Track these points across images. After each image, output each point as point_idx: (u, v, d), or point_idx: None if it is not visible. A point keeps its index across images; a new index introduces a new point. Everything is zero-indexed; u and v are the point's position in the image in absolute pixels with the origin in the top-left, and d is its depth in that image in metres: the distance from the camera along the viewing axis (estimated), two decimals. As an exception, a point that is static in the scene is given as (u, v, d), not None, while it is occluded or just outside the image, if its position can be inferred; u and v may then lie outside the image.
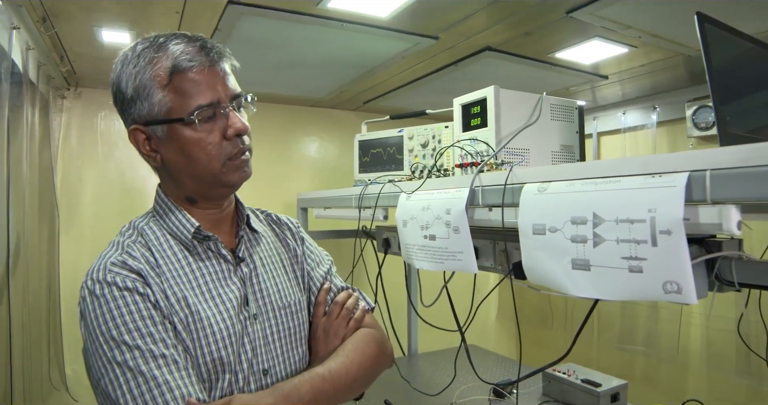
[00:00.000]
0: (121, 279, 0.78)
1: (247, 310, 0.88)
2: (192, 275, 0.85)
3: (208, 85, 0.82)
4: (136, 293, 0.78)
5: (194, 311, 0.82)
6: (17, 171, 1.76)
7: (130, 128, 0.86)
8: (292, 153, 3.22)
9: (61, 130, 2.53)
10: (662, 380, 2.81)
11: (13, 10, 1.55)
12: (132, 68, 0.82)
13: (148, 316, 0.77)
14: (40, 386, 2.06)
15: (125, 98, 0.84)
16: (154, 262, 0.83)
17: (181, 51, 0.81)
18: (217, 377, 0.82)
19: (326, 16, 1.71)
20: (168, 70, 0.81)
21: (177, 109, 0.81)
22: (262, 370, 0.88)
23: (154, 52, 0.82)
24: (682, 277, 0.73)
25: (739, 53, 1.04)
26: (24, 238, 1.88)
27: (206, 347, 0.81)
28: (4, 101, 1.53)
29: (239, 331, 0.85)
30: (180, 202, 0.90)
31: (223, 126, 0.84)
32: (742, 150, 0.69)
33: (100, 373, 0.75)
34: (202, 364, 0.80)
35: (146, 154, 0.86)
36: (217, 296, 0.85)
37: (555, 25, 1.77)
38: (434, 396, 1.88)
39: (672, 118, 2.69)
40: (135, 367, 0.73)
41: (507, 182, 1.07)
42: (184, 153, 0.83)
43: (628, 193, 0.80)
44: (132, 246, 0.84)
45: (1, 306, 1.63)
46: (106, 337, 0.75)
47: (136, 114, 0.84)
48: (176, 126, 0.82)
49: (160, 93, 0.81)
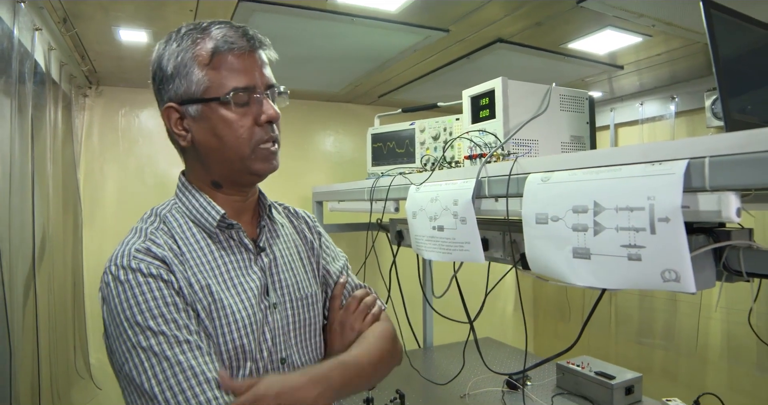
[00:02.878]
0: (146, 265, 0.79)
1: (267, 300, 0.90)
2: (215, 263, 0.86)
3: (246, 69, 0.85)
4: (161, 280, 0.79)
5: (217, 299, 0.83)
6: (41, 167, 1.83)
7: (164, 107, 0.87)
8: (308, 147, 3.25)
9: (84, 127, 2.60)
10: (681, 374, 2.77)
11: (35, 12, 1.60)
12: (175, 47, 0.85)
13: (172, 303, 0.78)
14: (66, 375, 2.14)
15: (165, 75, 0.86)
16: (178, 250, 0.84)
17: (224, 34, 0.84)
18: (238, 365, 0.83)
19: (336, 10, 1.72)
20: (209, 50, 0.83)
21: (214, 89, 0.83)
22: (280, 358, 0.90)
23: (198, 34, 0.85)
24: (681, 265, 0.74)
25: (748, 40, 1.02)
26: (49, 232, 1.95)
27: (228, 335, 0.82)
28: (28, 100, 1.59)
29: (260, 319, 0.87)
30: (204, 186, 0.91)
31: (256, 112, 0.86)
32: (740, 136, 0.69)
33: (124, 357, 0.75)
34: (224, 351, 0.81)
35: (177, 133, 0.87)
36: (239, 285, 0.86)
37: (566, 15, 1.75)
38: (444, 385, 1.90)
39: (691, 108, 2.64)
40: (160, 352, 0.74)
41: (512, 172, 1.08)
42: (215, 133, 0.85)
43: (628, 182, 0.80)
44: (155, 233, 0.85)
45: (29, 297, 1.70)
46: (130, 323, 0.75)
47: (173, 92, 0.85)
48: (211, 105, 0.84)
49: (199, 72, 0.83)
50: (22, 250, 1.61)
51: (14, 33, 1.42)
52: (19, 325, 1.54)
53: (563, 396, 1.86)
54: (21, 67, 1.50)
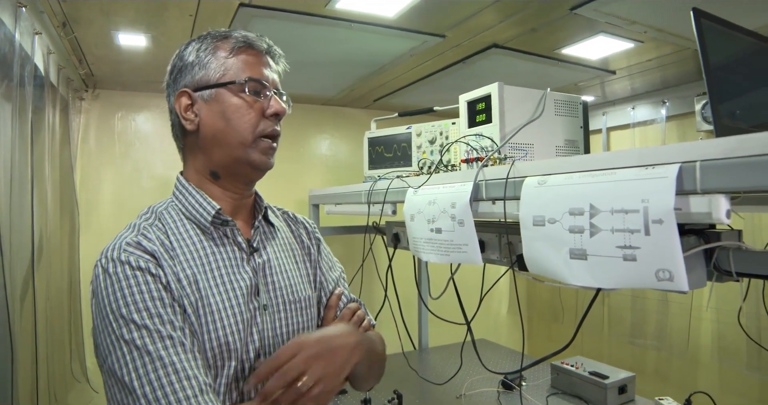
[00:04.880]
0: (135, 259, 0.79)
1: (257, 300, 0.89)
2: (205, 259, 0.87)
3: (261, 66, 0.92)
4: (148, 273, 0.79)
5: (204, 295, 0.83)
6: (40, 170, 1.83)
7: (177, 92, 0.91)
8: (304, 150, 3.27)
9: (80, 130, 2.61)
10: (673, 374, 2.81)
11: (35, 16, 1.61)
12: (200, 44, 0.92)
13: (158, 297, 0.78)
14: (63, 378, 2.14)
15: (184, 64, 0.91)
16: (169, 245, 0.85)
17: (245, 36, 0.92)
18: (222, 364, 0.83)
19: (335, 16, 1.75)
20: (231, 45, 0.91)
21: (231, 74, 0.89)
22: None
23: (222, 34, 0.93)
24: (674, 265, 0.76)
25: (736, 48, 1.05)
26: (46, 235, 1.95)
27: (213, 332, 0.82)
28: (27, 104, 1.59)
29: (248, 319, 0.87)
30: (203, 179, 0.93)
31: (265, 104, 0.91)
32: (730, 141, 0.72)
33: (107, 351, 0.75)
34: (208, 349, 0.81)
35: (185, 117, 0.91)
36: (228, 283, 0.87)
37: (560, 21, 1.79)
38: (441, 386, 1.92)
39: (681, 112, 2.69)
40: (142, 346, 0.74)
41: (509, 176, 1.10)
42: (224, 116, 0.89)
43: (623, 185, 0.82)
44: (148, 228, 0.86)
45: (26, 300, 1.70)
46: (115, 315, 0.75)
47: (189, 79, 0.91)
48: (227, 89, 0.89)
49: (219, 61, 0.90)
50: (21, 253, 1.61)
51: (15, 37, 1.43)
52: (19, 328, 1.54)
53: (558, 396, 1.89)
54: (21, 70, 1.51)
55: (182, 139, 0.95)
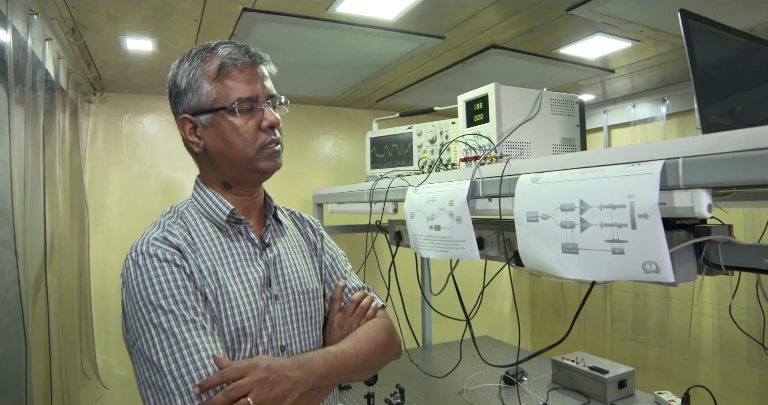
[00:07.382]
0: (162, 252, 0.89)
1: (269, 291, 0.98)
2: (223, 253, 0.95)
3: (249, 81, 0.96)
4: (174, 265, 0.88)
5: (222, 285, 0.92)
6: (51, 172, 1.89)
7: (179, 118, 0.98)
8: (308, 151, 3.32)
9: (89, 133, 2.66)
10: (674, 369, 2.83)
11: (46, 23, 1.66)
12: (187, 66, 0.97)
13: (183, 286, 0.87)
14: (74, 375, 2.19)
15: (179, 91, 0.97)
16: (191, 241, 0.94)
17: (228, 52, 0.96)
18: (239, 346, 0.91)
19: (336, 19, 1.79)
20: (216, 67, 0.95)
21: (221, 100, 0.94)
22: (280, 346, 0.97)
23: (206, 53, 0.96)
24: (660, 257, 0.80)
25: (723, 47, 1.08)
26: (58, 236, 2.00)
27: (231, 318, 0.91)
28: (39, 108, 1.65)
29: (261, 307, 0.95)
30: (216, 187, 1.01)
31: (259, 119, 0.96)
32: (711, 138, 0.75)
33: (137, 334, 0.84)
34: (227, 332, 0.90)
35: (191, 141, 0.98)
36: (243, 274, 0.95)
37: (557, 22, 1.82)
38: (443, 380, 1.95)
39: (681, 109, 2.71)
40: (168, 329, 0.83)
41: (504, 173, 1.14)
42: (224, 138, 0.95)
43: (611, 181, 0.86)
44: (172, 225, 0.95)
45: (39, 299, 1.75)
46: (145, 302, 0.84)
47: (186, 104, 0.97)
48: (220, 114, 0.95)
49: (208, 86, 0.94)
50: (34, 253, 1.66)
51: (28, 43, 1.48)
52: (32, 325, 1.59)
53: (558, 390, 1.92)
54: (33, 75, 1.56)
55: (193, 155, 1.04)
